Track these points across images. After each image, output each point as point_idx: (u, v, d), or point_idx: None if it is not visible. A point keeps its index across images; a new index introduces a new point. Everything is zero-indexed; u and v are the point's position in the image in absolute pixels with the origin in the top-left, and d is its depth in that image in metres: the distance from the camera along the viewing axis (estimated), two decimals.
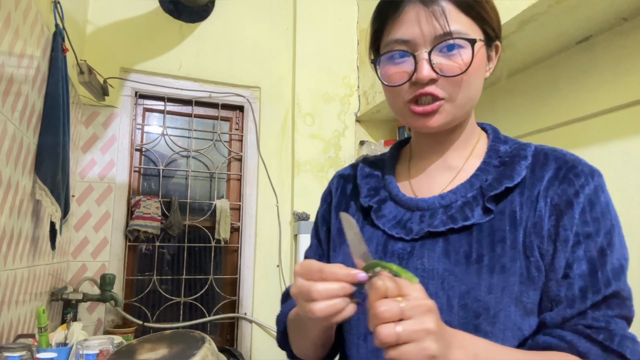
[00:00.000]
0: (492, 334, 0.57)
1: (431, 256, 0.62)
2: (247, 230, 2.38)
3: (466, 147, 0.70)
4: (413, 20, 0.61)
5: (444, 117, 0.63)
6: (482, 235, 0.60)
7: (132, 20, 2.26)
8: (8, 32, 1.11)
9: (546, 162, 0.63)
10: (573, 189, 0.60)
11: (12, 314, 1.23)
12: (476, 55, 0.61)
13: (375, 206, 0.69)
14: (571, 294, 0.57)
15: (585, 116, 1.52)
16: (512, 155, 0.65)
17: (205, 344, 0.89)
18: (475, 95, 0.65)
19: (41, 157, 1.35)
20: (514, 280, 0.58)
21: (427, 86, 0.61)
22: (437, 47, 0.60)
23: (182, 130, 2.41)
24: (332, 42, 2.55)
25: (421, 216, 0.65)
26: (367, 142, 2.46)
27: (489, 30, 0.64)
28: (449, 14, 0.60)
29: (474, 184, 0.65)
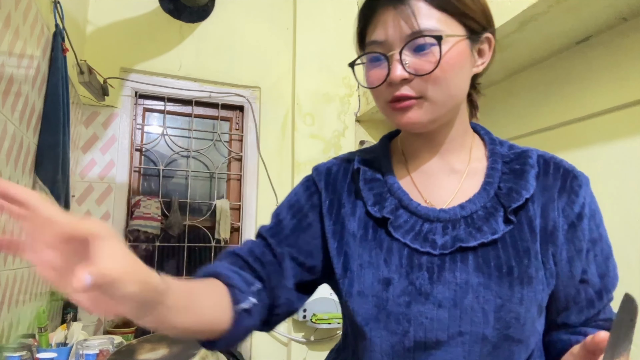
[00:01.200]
0: (520, 341, 0.60)
1: (464, 269, 0.61)
2: (247, 230, 2.38)
3: (463, 148, 0.69)
4: (385, 22, 0.61)
5: (423, 114, 0.61)
6: (507, 247, 0.61)
7: (132, 20, 2.26)
8: (8, 32, 1.11)
9: (548, 171, 0.66)
10: (581, 199, 0.64)
11: (12, 314, 1.23)
12: (450, 51, 0.59)
13: (392, 217, 0.65)
14: (590, 296, 0.64)
15: (585, 116, 1.52)
16: (521, 164, 0.66)
17: None
18: (457, 92, 0.63)
19: (41, 157, 1.35)
20: (538, 289, 0.60)
21: (401, 87, 0.60)
22: (407, 47, 0.59)
23: (182, 130, 2.41)
24: (332, 42, 2.54)
25: (444, 228, 0.63)
26: (367, 142, 2.46)
27: (471, 24, 0.62)
28: (419, 12, 0.59)
29: (489, 192, 0.64)
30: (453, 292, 0.60)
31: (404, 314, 0.61)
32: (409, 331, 0.60)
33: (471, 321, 0.59)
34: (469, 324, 0.59)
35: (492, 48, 0.65)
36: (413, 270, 0.62)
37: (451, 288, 0.60)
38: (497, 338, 0.59)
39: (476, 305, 0.59)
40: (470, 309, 0.59)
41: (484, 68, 0.66)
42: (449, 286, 0.60)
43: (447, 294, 0.60)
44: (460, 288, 0.60)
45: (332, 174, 0.74)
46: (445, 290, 0.60)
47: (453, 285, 0.60)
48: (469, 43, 0.62)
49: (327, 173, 0.75)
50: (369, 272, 0.64)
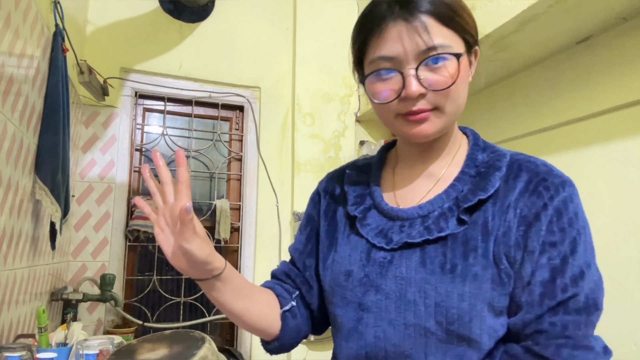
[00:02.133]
0: (469, 338, 0.60)
1: (409, 265, 0.64)
2: (247, 230, 2.38)
3: (449, 154, 0.72)
4: (396, 37, 0.62)
5: (435, 126, 0.65)
6: (456, 245, 0.63)
7: (132, 20, 2.26)
8: (8, 32, 1.11)
9: (519, 174, 0.65)
10: (542, 201, 0.62)
11: (12, 314, 1.23)
12: (461, 65, 0.63)
13: (360, 215, 0.72)
14: (531, 299, 0.60)
15: (585, 116, 1.52)
16: (488, 166, 0.67)
17: (205, 344, 0.89)
18: (463, 103, 0.66)
19: (41, 157, 1.35)
20: (486, 288, 0.60)
21: (416, 102, 0.62)
22: (423, 62, 0.61)
23: (182, 130, 2.42)
24: (332, 42, 2.54)
25: (401, 226, 0.68)
26: (367, 142, 2.46)
27: (468, 38, 0.65)
28: (430, 28, 0.60)
29: (450, 194, 0.67)
30: (399, 285, 0.64)
31: (359, 303, 0.68)
32: (363, 318, 0.67)
33: (414, 314, 0.62)
34: (412, 316, 0.62)
35: (477, 59, 0.69)
36: (369, 263, 0.68)
37: (397, 281, 0.64)
38: (441, 332, 0.61)
39: (418, 299, 0.62)
40: (413, 302, 0.63)
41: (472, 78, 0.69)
42: (395, 280, 0.65)
43: (394, 286, 0.64)
44: (404, 281, 0.64)
45: (334, 180, 0.83)
46: (392, 283, 0.65)
47: (399, 279, 0.64)
48: (467, 56, 0.66)
49: (327, 180, 0.85)
50: (338, 265, 0.72)
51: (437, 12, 0.61)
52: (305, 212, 0.86)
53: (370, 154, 2.37)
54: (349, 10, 2.62)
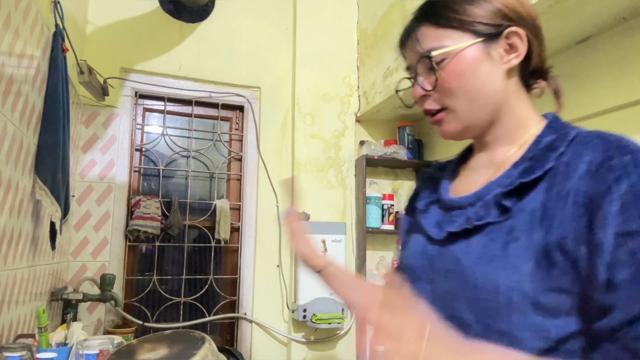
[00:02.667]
0: (508, 333, 0.57)
1: (453, 257, 0.65)
2: (247, 230, 2.38)
3: (513, 142, 0.68)
4: (408, 52, 0.72)
5: (453, 125, 0.68)
6: (498, 235, 0.60)
7: (132, 20, 2.26)
8: (8, 32, 1.11)
9: (582, 153, 0.57)
10: (605, 185, 0.53)
11: (12, 314, 1.23)
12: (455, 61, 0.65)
13: (423, 208, 0.76)
14: (616, 302, 0.51)
15: (585, 116, 1.52)
16: (547, 148, 0.61)
17: (205, 344, 0.89)
18: (481, 95, 0.65)
19: (41, 157, 1.35)
20: (525, 281, 0.56)
21: (424, 102, 0.70)
22: (419, 68, 0.69)
23: (182, 130, 2.41)
24: (332, 42, 2.54)
25: (452, 216, 0.68)
26: (367, 142, 2.46)
27: (480, 28, 0.64)
28: (423, 37, 0.67)
29: (502, 180, 0.64)
30: (445, 277, 0.65)
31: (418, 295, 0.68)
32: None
33: (454, 307, 0.63)
34: (453, 309, 0.63)
35: (524, 39, 0.65)
36: (424, 256, 0.70)
37: (444, 274, 0.65)
38: (480, 326, 0.59)
39: (459, 292, 0.62)
40: (454, 295, 0.63)
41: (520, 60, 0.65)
42: (443, 272, 0.66)
43: (442, 279, 0.66)
44: (448, 273, 0.65)
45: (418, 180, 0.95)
46: (441, 275, 0.66)
47: (444, 271, 0.65)
48: (482, 46, 0.65)
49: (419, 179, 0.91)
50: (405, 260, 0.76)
51: (429, 17, 0.67)
52: None
53: (370, 154, 2.37)
54: (349, 10, 2.62)
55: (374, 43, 2.39)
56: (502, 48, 0.65)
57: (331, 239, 2.28)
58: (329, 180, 2.42)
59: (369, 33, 2.46)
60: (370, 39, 2.45)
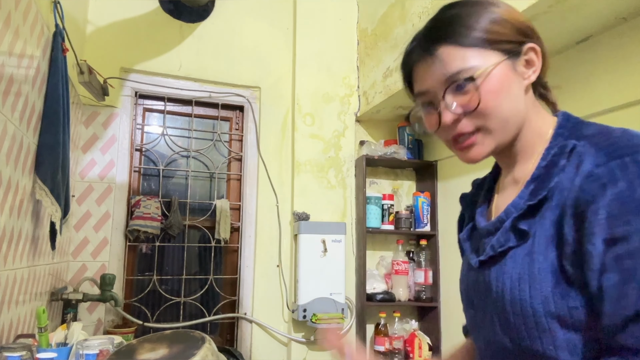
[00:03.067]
0: (542, 354, 0.58)
1: (486, 283, 0.66)
2: (247, 230, 2.38)
3: (533, 154, 0.67)
4: (421, 75, 0.67)
5: (485, 147, 0.66)
6: (520, 258, 0.61)
7: (132, 20, 2.26)
8: (8, 32, 1.11)
9: (580, 164, 0.57)
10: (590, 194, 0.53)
11: (12, 314, 1.23)
12: (489, 81, 0.62)
13: (464, 236, 0.77)
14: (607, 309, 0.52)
15: (585, 116, 1.52)
16: (550, 164, 0.62)
17: (205, 344, 0.89)
18: (512, 112, 0.65)
19: (41, 157, 1.35)
20: (548, 301, 0.57)
21: (456, 127, 0.65)
22: (448, 91, 0.64)
23: (182, 130, 2.42)
24: (332, 42, 2.55)
25: (484, 243, 0.69)
26: (367, 142, 2.46)
27: (505, 46, 0.64)
28: (448, 57, 0.63)
29: (517, 203, 0.64)
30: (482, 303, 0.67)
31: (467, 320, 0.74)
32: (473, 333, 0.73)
33: (493, 332, 0.64)
34: (492, 334, 0.65)
35: (539, 54, 0.67)
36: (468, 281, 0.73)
37: (481, 299, 0.67)
38: (516, 349, 0.61)
39: (494, 317, 0.64)
40: (490, 320, 0.65)
41: (537, 75, 0.67)
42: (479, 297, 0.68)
43: (481, 304, 0.68)
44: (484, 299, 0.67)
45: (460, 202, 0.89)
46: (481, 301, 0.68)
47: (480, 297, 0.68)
48: (509, 63, 0.64)
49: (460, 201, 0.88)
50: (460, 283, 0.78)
51: (454, 38, 0.63)
52: None
53: (370, 154, 2.37)
54: (349, 10, 2.62)
55: (374, 43, 2.39)
56: (522, 65, 0.66)
57: (331, 239, 2.28)
58: (329, 180, 2.42)
59: (369, 33, 2.46)
60: (370, 39, 2.45)
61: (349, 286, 2.33)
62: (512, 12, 0.67)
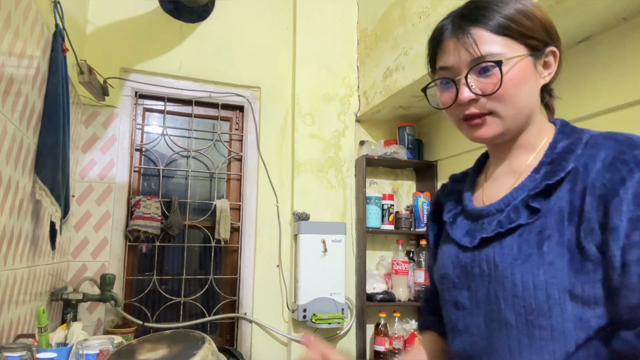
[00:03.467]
0: (550, 328, 0.60)
1: (488, 261, 0.67)
2: (247, 230, 2.38)
3: (533, 149, 0.72)
4: (451, 50, 0.70)
5: (494, 129, 0.69)
6: (530, 235, 0.64)
7: (132, 20, 2.26)
8: (8, 32, 1.11)
9: (596, 153, 0.62)
10: (619, 175, 0.58)
11: (12, 314, 1.23)
12: (512, 71, 0.66)
13: (450, 220, 0.78)
14: (629, 282, 0.55)
15: (585, 116, 1.52)
16: (565, 151, 0.66)
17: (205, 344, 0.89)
18: (525, 105, 0.69)
19: (41, 157, 1.35)
20: (562, 275, 0.59)
21: (470, 106, 0.69)
22: (472, 71, 0.67)
23: (182, 130, 2.42)
24: (332, 42, 2.55)
25: (482, 224, 0.71)
26: (367, 142, 2.46)
27: (532, 42, 0.68)
28: (480, 39, 0.66)
29: (526, 185, 0.68)
30: (483, 281, 0.67)
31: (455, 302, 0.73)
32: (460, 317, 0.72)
33: (496, 308, 0.65)
34: (494, 310, 0.65)
35: (557, 59, 0.72)
36: (458, 264, 0.73)
37: (481, 278, 0.68)
38: (522, 324, 0.62)
39: (499, 293, 0.65)
40: (495, 297, 0.65)
41: (551, 78, 0.72)
42: (480, 277, 0.68)
43: (480, 283, 0.68)
44: (486, 277, 0.67)
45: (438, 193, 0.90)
46: (478, 280, 0.68)
47: (481, 275, 0.68)
48: (531, 59, 0.68)
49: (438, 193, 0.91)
50: (438, 270, 0.78)
51: (488, 22, 0.67)
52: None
53: (370, 154, 2.37)
54: (349, 10, 2.62)
55: (374, 43, 2.39)
56: (541, 64, 0.70)
57: (331, 239, 2.28)
58: (329, 180, 2.42)
59: (369, 33, 2.46)
60: (370, 39, 2.45)
61: (349, 286, 2.33)
62: (541, 10, 0.71)
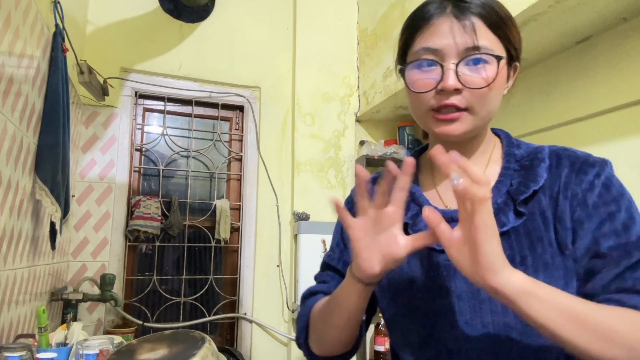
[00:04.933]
0: None
1: None
2: (247, 230, 2.38)
3: (484, 153, 0.73)
4: (445, 32, 0.64)
5: (465, 127, 0.66)
6: (520, 237, 0.64)
7: (132, 20, 2.26)
8: (8, 32, 1.11)
9: (560, 162, 0.67)
10: (590, 176, 0.64)
11: (12, 314, 1.23)
12: (500, 72, 0.65)
13: (411, 222, 0.71)
14: (605, 263, 0.60)
15: (585, 116, 1.52)
16: (531, 159, 0.69)
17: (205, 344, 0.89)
18: (494, 109, 0.68)
19: (41, 157, 1.35)
20: (558, 275, 0.62)
21: (451, 96, 0.64)
22: (464, 60, 0.63)
23: (182, 130, 2.42)
24: (332, 42, 2.55)
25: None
26: (367, 142, 2.46)
27: (511, 50, 0.68)
28: (478, 29, 0.64)
29: (500, 189, 0.68)
30: (470, 285, 0.64)
31: (428, 309, 0.67)
32: (437, 324, 0.67)
33: (490, 311, 0.63)
34: (488, 313, 0.63)
35: (515, 75, 0.72)
36: (432, 268, 0.68)
37: (467, 282, 0.62)
38: (521, 325, 0.61)
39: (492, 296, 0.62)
40: (488, 300, 0.63)
41: (508, 90, 0.71)
42: (465, 280, 0.64)
43: (465, 287, 0.65)
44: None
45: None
46: (462, 284, 0.65)
47: (464, 280, 0.65)
48: (506, 67, 0.68)
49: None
50: (395, 273, 0.71)
51: (487, 16, 0.64)
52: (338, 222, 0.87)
53: (370, 154, 2.37)
54: (349, 10, 2.62)
55: (374, 43, 2.39)
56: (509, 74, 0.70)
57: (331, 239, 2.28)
58: (329, 180, 2.42)
59: (369, 33, 2.46)
60: (370, 39, 2.45)
61: None
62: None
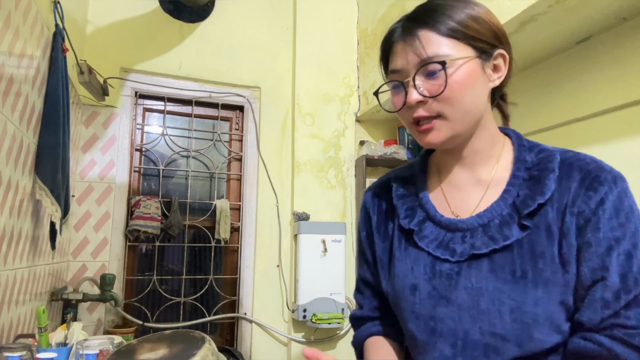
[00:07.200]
0: (545, 341, 0.62)
1: (479, 275, 0.66)
2: (247, 230, 2.38)
3: (491, 157, 0.73)
4: (399, 53, 0.69)
5: (443, 133, 0.68)
6: (523, 251, 0.65)
7: (132, 20, 2.26)
8: (8, 32, 1.11)
9: (571, 174, 0.66)
10: (598, 196, 0.63)
11: (12, 314, 1.23)
12: (458, 72, 0.65)
13: (417, 229, 0.74)
14: (607, 295, 0.61)
15: (585, 116, 1.52)
16: (541, 169, 0.68)
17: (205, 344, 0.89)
18: (472, 107, 0.68)
19: (41, 157, 1.35)
20: (557, 291, 0.62)
21: (418, 109, 0.68)
22: (419, 73, 0.67)
23: (182, 130, 2.42)
24: (332, 42, 2.55)
25: (462, 237, 0.69)
26: (367, 142, 2.46)
27: (480, 45, 0.67)
28: (427, 42, 0.66)
29: (507, 200, 0.68)
30: (471, 295, 0.66)
31: (430, 316, 0.70)
32: (436, 330, 0.69)
33: (489, 322, 0.64)
34: (487, 324, 0.65)
35: (507, 62, 0.71)
36: (435, 276, 0.70)
37: (468, 292, 0.66)
38: (519, 337, 0.63)
39: (492, 307, 0.64)
40: (487, 311, 0.65)
41: (501, 81, 0.71)
42: (466, 290, 0.66)
43: (466, 297, 0.66)
44: (476, 292, 0.66)
45: (377, 195, 0.85)
46: (463, 294, 0.66)
47: (470, 289, 0.66)
48: (479, 62, 0.68)
49: (372, 196, 0.86)
50: (400, 280, 0.74)
51: (436, 25, 0.66)
52: (358, 233, 0.88)
53: (370, 154, 2.37)
54: (349, 10, 2.62)
55: (374, 43, 2.39)
56: (490, 67, 0.69)
57: (331, 239, 2.28)
58: (329, 180, 2.42)
59: (369, 33, 2.46)
60: (370, 39, 2.45)
61: (349, 286, 2.33)
62: (491, 14, 0.70)
